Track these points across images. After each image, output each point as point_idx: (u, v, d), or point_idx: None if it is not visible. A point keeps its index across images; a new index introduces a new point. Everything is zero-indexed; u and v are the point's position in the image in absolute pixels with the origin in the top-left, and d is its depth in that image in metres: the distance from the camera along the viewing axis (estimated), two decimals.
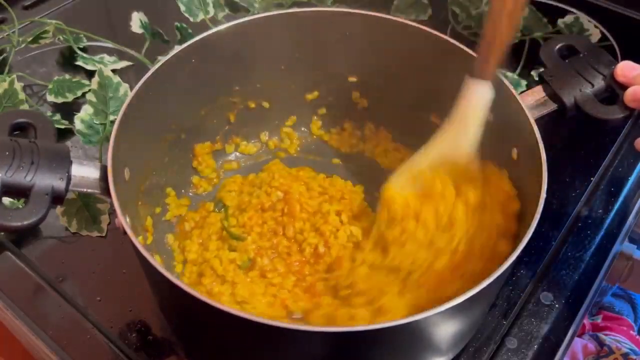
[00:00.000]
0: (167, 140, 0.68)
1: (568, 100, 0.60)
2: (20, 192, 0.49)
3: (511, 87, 0.60)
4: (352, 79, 0.74)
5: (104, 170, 0.53)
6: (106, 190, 0.52)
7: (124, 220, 0.50)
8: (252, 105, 0.75)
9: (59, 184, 0.50)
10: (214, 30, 0.66)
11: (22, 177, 0.48)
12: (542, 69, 0.63)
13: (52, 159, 0.50)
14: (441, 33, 0.67)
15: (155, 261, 0.47)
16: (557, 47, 0.64)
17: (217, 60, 0.68)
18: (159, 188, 0.69)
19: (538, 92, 0.62)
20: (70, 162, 0.51)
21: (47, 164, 0.50)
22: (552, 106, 0.61)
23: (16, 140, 0.50)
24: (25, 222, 0.48)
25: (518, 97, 0.59)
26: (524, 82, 0.86)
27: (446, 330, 0.53)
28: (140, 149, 0.62)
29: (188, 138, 0.72)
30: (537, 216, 0.51)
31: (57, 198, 0.50)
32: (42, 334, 0.62)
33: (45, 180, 0.49)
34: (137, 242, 0.48)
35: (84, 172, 0.52)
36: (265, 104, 0.76)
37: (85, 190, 0.53)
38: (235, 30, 0.67)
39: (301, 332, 0.46)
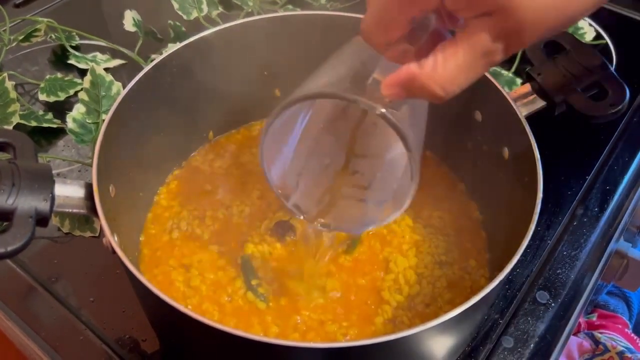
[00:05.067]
0: (159, 144, 0.67)
1: (557, 97, 0.60)
2: (2, 216, 0.46)
3: (499, 85, 0.60)
4: None
5: (88, 188, 0.51)
6: (92, 210, 0.50)
7: (112, 240, 0.49)
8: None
9: (43, 205, 0.47)
10: (211, 30, 0.66)
11: (3, 201, 0.46)
12: (528, 67, 0.63)
13: (34, 179, 0.47)
14: None
15: (149, 282, 0.46)
16: (543, 43, 0.64)
17: (213, 61, 0.68)
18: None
19: (526, 90, 0.62)
20: (53, 182, 0.49)
21: (29, 185, 0.47)
22: (541, 103, 0.61)
23: None
24: (10, 249, 0.45)
25: (507, 96, 0.59)
26: (518, 80, 0.86)
27: (442, 342, 0.53)
28: (130, 153, 0.61)
29: (181, 141, 0.71)
30: (536, 217, 0.50)
31: (41, 220, 0.47)
32: (35, 335, 0.61)
33: (28, 203, 0.46)
34: (127, 261, 0.47)
35: (68, 192, 0.50)
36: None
37: (70, 210, 0.51)
38: (231, 31, 0.67)
39: (293, 349, 0.45)
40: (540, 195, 0.52)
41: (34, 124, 0.79)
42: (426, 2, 0.38)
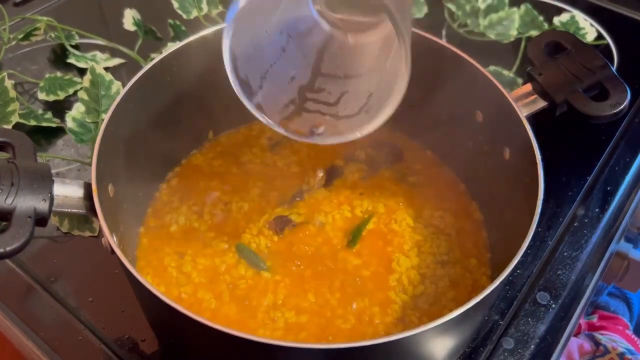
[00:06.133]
0: (159, 143, 0.67)
1: (558, 97, 0.60)
2: (0, 216, 0.46)
3: (500, 86, 0.60)
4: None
5: (87, 188, 0.51)
6: (91, 210, 0.50)
7: (112, 240, 0.48)
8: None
9: (42, 205, 0.47)
10: (211, 30, 0.66)
11: (2, 200, 0.46)
12: (530, 67, 0.63)
13: (33, 179, 0.48)
14: (437, 31, 0.66)
15: (148, 282, 0.46)
16: (544, 44, 0.64)
17: (213, 60, 0.67)
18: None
19: (527, 90, 0.61)
20: (52, 182, 0.49)
21: (28, 184, 0.47)
22: (542, 104, 0.61)
23: None
24: (8, 248, 0.45)
25: (508, 96, 0.59)
26: (520, 81, 0.86)
27: (444, 343, 0.53)
28: (129, 153, 0.61)
29: (181, 140, 0.71)
30: (536, 217, 0.50)
31: (40, 220, 0.48)
32: (33, 335, 0.61)
33: (27, 202, 0.47)
34: (127, 261, 0.47)
35: (67, 192, 0.50)
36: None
37: (69, 210, 0.51)
38: None
39: (291, 349, 0.45)
40: (541, 195, 0.52)
41: (33, 123, 0.79)
42: None
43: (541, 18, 0.94)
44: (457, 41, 0.91)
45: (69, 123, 0.71)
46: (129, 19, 0.89)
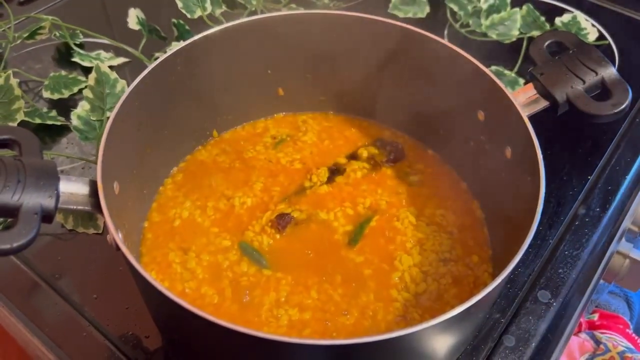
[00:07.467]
0: (163, 141, 0.68)
1: (560, 97, 0.60)
2: (7, 212, 0.47)
3: (502, 85, 0.60)
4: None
5: (93, 185, 0.51)
6: (97, 207, 0.50)
7: (117, 237, 0.49)
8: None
9: (48, 202, 0.48)
10: (214, 29, 0.66)
11: (9, 197, 0.46)
12: (531, 67, 0.63)
13: (40, 176, 0.48)
14: (439, 31, 0.67)
15: (153, 278, 0.47)
16: (546, 43, 0.64)
17: (216, 60, 0.68)
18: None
19: (529, 90, 0.62)
20: (58, 179, 0.49)
21: (34, 181, 0.47)
22: (544, 103, 0.61)
23: (0, 159, 0.48)
24: (15, 245, 0.45)
25: (510, 96, 0.60)
26: (521, 81, 0.86)
27: (445, 340, 0.53)
28: (134, 151, 0.62)
29: (185, 138, 0.72)
30: (538, 216, 0.50)
31: (46, 217, 0.48)
32: (38, 331, 0.61)
33: (34, 199, 0.47)
34: (132, 258, 0.48)
35: (73, 189, 0.50)
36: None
37: (74, 207, 0.51)
38: (235, 30, 0.67)
39: (295, 345, 0.46)
40: (542, 194, 0.52)
41: (38, 121, 0.79)
42: None
43: (543, 18, 0.95)
44: (459, 41, 0.91)
45: (74, 121, 0.72)
46: (133, 18, 0.89)
